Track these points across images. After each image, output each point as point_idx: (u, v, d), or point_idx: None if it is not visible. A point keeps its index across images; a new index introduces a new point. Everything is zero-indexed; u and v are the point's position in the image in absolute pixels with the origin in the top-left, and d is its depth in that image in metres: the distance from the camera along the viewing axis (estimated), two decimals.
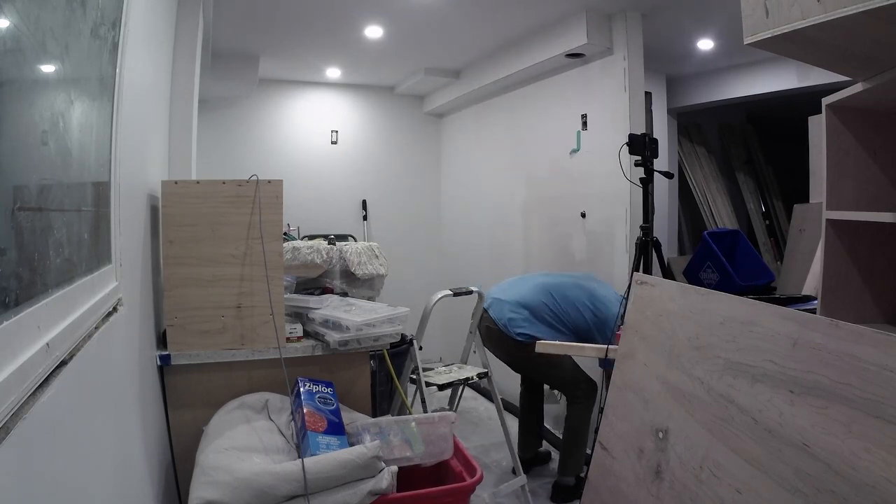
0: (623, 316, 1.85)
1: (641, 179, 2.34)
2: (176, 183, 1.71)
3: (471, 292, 2.48)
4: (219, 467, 1.31)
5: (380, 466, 1.36)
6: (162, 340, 1.75)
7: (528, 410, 3.06)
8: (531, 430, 3.05)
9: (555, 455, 3.09)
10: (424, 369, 2.28)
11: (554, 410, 3.54)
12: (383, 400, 2.34)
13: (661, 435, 1.44)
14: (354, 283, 2.37)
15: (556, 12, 3.08)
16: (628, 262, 2.95)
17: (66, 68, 0.83)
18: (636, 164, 2.33)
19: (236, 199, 1.72)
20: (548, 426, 3.52)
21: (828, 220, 1.54)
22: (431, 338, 4.43)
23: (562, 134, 3.46)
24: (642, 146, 2.30)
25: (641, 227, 2.34)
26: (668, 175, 2.46)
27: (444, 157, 5.07)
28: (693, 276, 3.34)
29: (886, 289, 1.58)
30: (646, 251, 2.37)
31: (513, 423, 3.51)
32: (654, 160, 2.38)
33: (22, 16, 0.65)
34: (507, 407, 3.69)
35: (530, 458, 2.99)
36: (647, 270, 2.41)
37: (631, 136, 2.35)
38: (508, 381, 3.94)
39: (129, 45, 1.25)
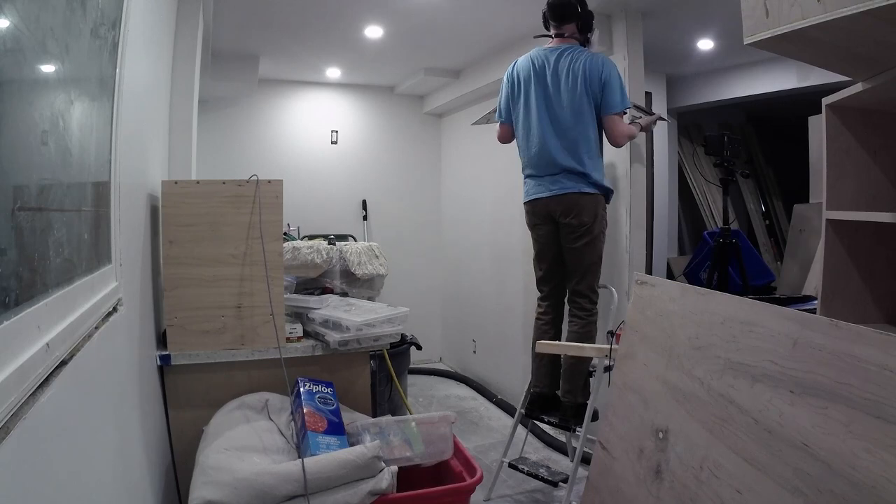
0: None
1: (721, 180, 2.34)
2: (176, 183, 1.71)
3: None
4: (219, 467, 1.31)
5: (380, 466, 1.36)
6: (162, 340, 1.75)
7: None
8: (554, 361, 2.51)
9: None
10: (424, 369, 2.28)
11: None
12: (383, 400, 2.35)
13: (661, 435, 1.44)
14: (354, 283, 2.37)
15: None
16: (628, 262, 2.95)
17: (66, 68, 0.83)
18: (714, 165, 2.33)
19: (236, 199, 1.72)
20: (549, 425, 3.51)
21: (828, 220, 1.54)
22: (431, 338, 4.45)
23: None
24: (720, 146, 2.29)
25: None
26: (745, 175, 2.47)
27: (444, 157, 5.07)
28: (693, 276, 3.34)
29: (886, 289, 1.58)
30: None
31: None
32: (735, 159, 2.38)
33: (22, 16, 0.65)
34: (507, 408, 3.69)
35: (551, 397, 2.48)
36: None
37: (707, 137, 2.34)
38: (509, 381, 3.94)
39: (129, 45, 1.25)
